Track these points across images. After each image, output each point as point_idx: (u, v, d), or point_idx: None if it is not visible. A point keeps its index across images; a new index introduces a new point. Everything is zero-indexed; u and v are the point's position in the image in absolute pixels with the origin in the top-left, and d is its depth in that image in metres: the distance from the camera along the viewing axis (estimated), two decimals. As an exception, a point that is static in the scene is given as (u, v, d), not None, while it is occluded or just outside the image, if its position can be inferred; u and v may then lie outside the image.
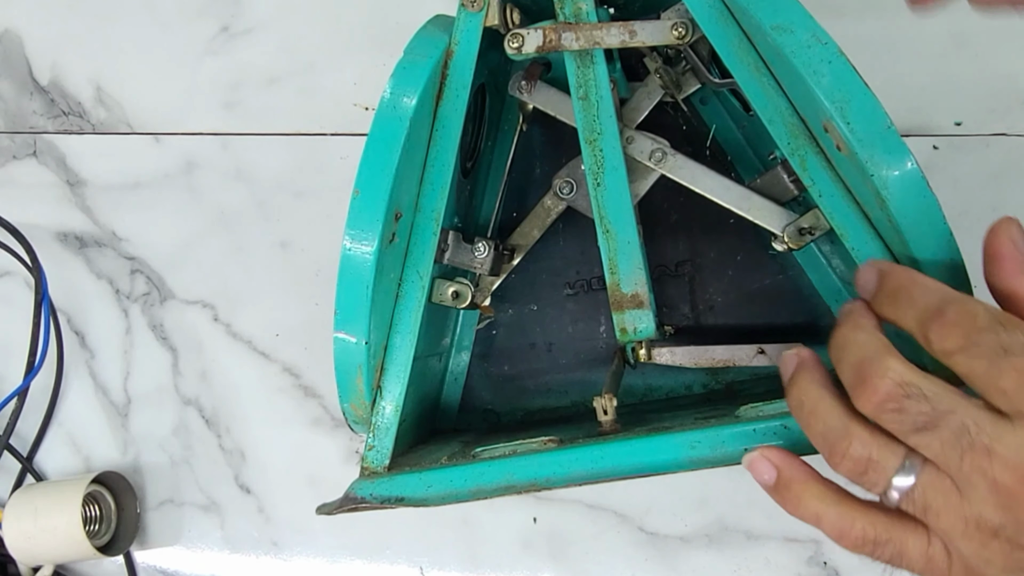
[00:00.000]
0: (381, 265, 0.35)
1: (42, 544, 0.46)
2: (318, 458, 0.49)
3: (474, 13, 0.38)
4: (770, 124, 0.36)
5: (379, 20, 0.53)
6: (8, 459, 0.51)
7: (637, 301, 0.39)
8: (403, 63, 0.37)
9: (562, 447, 0.36)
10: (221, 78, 0.54)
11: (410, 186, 0.38)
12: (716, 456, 0.34)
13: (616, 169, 0.38)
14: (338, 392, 0.37)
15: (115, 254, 0.54)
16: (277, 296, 0.52)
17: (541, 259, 0.47)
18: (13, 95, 0.57)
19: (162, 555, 0.50)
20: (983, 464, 0.26)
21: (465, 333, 0.47)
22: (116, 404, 0.52)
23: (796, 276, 0.45)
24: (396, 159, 0.35)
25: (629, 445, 0.35)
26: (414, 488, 0.37)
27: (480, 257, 0.42)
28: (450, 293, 0.42)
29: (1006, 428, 0.26)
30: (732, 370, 0.45)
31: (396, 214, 0.36)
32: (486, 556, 0.47)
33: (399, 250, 0.38)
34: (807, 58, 0.32)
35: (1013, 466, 0.26)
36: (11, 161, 0.56)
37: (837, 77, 0.31)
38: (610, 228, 0.39)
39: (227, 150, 0.54)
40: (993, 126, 0.47)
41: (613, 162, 0.38)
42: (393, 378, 0.38)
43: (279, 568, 0.49)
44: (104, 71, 0.56)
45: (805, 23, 0.32)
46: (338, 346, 0.36)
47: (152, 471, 0.51)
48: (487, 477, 0.36)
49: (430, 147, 0.38)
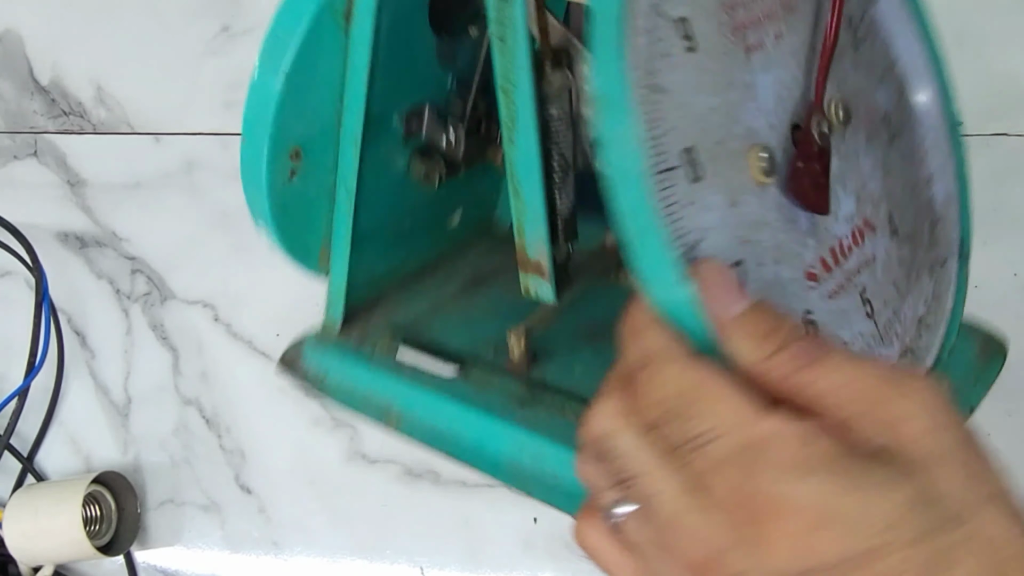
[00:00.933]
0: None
1: (42, 544, 0.46)
2: (319, 458, 0.49)
3: None
4: None
5: (380, 20, 0.53)
6: (8, 459, 0.51)
7: (539, 269, 0.36)
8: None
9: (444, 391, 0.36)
10: (222, 78, 0.54)
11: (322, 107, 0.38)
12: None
13: (527, 129, 0.34)
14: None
15: (115, 254, 0.54)
16: (278, 296, 0.52)
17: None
18: (14, 95, 0.57)
19: (162, 555, 0.50)
20: (666, 539, 0.23)
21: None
22: (116, 404, 0.52)
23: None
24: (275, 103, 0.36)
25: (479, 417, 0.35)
26: (335, 373, 0.38)
27: (450, 138, 0.40)
28: (422, 173, 0.40)
29: (691, 507, 0.22)
30: None
31: (295, 151, 0.36)
32: (486, 556, 0.47)
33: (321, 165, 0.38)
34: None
35: (691, 552, 0.22)
36: (12, 161, 0.56)
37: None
38: (519, 190, 0.35)
39: (228, 150, 0.54)
40: (994, 126, 0.47)
41: (525, 120, 0.33)
42: (338, 243, 0.38)
43: (279, 568, 0.49)
44: (105, 71, 0.56)
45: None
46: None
47: (152, 471, 0.51)
48: (378, 394, 0.37)
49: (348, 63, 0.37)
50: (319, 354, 0.39)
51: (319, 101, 0.37)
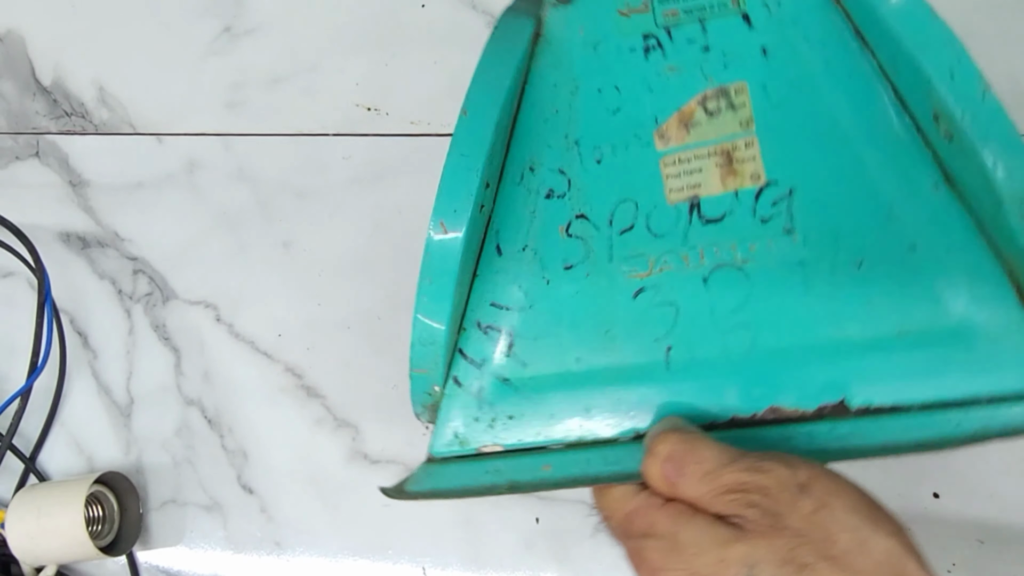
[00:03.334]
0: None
1: (45, 544, 0.46)
2: (320, 458, 0.49)
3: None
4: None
5: (382, 21, 0.53)
6: (11, 459, 0.51)
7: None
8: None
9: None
10: (224, 78, 0.54)
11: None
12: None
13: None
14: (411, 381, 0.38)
15: (117, 254, 0.54)
16: (279, 296, 0.52)
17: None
18: (16, 96, 0.57)
19: (165, 555, 0.50)
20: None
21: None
22: (119, 404, 0.52)
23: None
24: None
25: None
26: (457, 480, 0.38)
27: None
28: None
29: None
30: None
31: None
32: (489, 556, 0.47)
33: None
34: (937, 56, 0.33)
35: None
36: (14, 162, 0.56)
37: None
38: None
39: (230, 150, 0.54)
40: (996, 126, 0.47)
41: None
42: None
43: (281, 568, 0.49)
44: (107, 71, 0.56)
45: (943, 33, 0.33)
46: (418, 329, 0.36)
47: (155, 471, 0.51)
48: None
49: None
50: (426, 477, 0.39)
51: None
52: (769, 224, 0.37)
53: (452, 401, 0.39)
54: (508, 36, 0.38)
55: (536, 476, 0.36)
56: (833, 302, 0.37)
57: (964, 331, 0.36)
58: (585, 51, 0.39)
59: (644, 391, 0.38)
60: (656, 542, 0.30)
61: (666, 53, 0.39)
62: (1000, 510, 0.43)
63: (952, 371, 0.35)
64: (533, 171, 0.39)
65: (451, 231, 0.35)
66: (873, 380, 0.36)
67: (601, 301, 0.39)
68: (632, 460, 0.34)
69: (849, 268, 0.37)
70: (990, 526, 0.43)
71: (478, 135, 0.36)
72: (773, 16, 0.38)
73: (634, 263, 0.39)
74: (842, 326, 0.36)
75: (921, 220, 0.36)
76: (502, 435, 0.38)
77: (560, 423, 0.38)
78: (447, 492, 0.37)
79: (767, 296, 0.37)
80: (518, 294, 0.39)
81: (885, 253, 0.36)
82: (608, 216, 0.39)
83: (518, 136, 0.39)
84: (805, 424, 0.35)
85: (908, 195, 0.36)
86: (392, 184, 0.52)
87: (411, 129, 0.52)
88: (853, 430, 0.35)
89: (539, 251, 0.39)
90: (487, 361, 0.39)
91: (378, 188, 0.52)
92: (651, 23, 0.39)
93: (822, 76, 0.37)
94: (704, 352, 0.37)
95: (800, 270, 0.37)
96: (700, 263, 0.38)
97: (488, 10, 0.52)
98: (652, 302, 0.38)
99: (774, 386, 0.36)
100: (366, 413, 0.49)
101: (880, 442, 0.34)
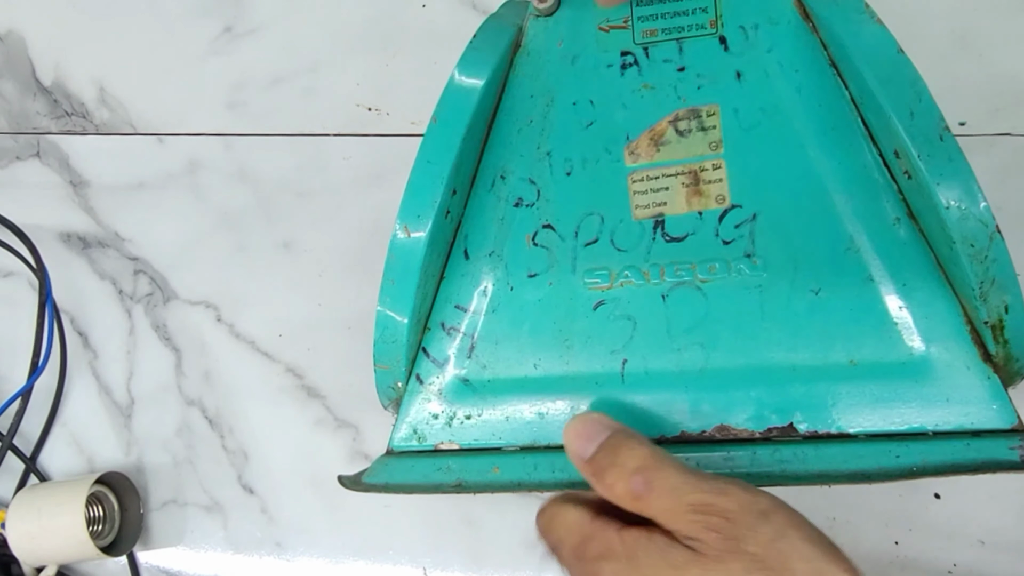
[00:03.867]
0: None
1: (46, 544, 0.46)
2: (321, 459, 0.49)
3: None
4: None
5: (382, 21, 0.53)
6: (12, 459, 0.51)
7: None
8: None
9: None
10: (224, 78, 0.54)
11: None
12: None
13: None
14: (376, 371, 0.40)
15: (118, 255, 0.54)
16: (280, 297, 0.52)
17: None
18: (17, 96, 0.57)
19: (165, 555, 0.50)
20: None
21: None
22: (119, 404, 0.52)
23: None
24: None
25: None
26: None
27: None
28: None
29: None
30: None
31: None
32: (489, 557, 0.47)
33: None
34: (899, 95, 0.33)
35: None
36: (14, 162, 0.56)
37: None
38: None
39: (230, 150, 0.54)
40: (997, 126, 0.46)
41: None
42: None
43: (282, 568, 0.49)
44: (107, 72, 0.56)
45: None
46: (380, 326, 0.38)
47: (155, 471, 0.51)
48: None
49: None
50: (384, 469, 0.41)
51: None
52: (731, 246, 0.38)
53: (413, 397, 0.40)
54: (486, 45, 0.39)
55: (484, 478, 0.37)
56: (788, 327, 0.37)
57: (915, 365, 0.36)
58: (563, 64, 0.40)
59: (598, 401, 0.38)
60: (613, 564, 0.30)
61: (642, 71, 0.39)
62: (1001, 511, 0.43)
63: (900, 403, 0.36)
64: (504, 179, 0.40)
65: (414, 234, 0.37)
66: (822, 407, 0.36)
67: (562, 310, 0.39)
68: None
69: (806, 295, 0.37)
70: (991, 527, 0.43)
71: (446, 143, 0.37)
72: (749, 41, 0.38)
73: (596, 275, 0.39)
74: (795, 351, 0.37)
75: (880, 252, 0.37)
76: (459, 434, 0.39)
77: (515, 426, 0.39)
78: (399, 487, 0.39)
79: (723, 317, 0.38)
80: (482, 298, 0.40)
81: (842, 283, 0.37)
82: (574, 228, 0.39)
83: (492, 143, 0.40)
84: (751, 445, 0.36)
85: (869, 227, 0.37)
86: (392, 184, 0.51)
87: (411, 129, 0.52)
88: (797, 454, 0.35)
89: (505, 258, 0.40)
90: (448, 361, 0.40)
91: (378, 188, 0.52)
92: (629, 40, 0.39)
93: (794, 103, 0.38)
94: (658, 367, 0.38)
95: (758, 293, 0.38)
96: (660, 280, 0.39)
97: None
98: (611, 315, 0.39)
99: (725, 405, 0.37)
100: (366, 413, 0.49)
101: (822, 469, 0.35)
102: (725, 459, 0.36)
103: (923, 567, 0.43)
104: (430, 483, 0.38)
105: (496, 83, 0.39)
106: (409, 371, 0.40)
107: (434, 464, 0.39)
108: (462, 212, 0.40)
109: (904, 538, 0.43)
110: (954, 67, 0.47)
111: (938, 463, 0.34)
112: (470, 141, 0.38)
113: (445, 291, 0.41)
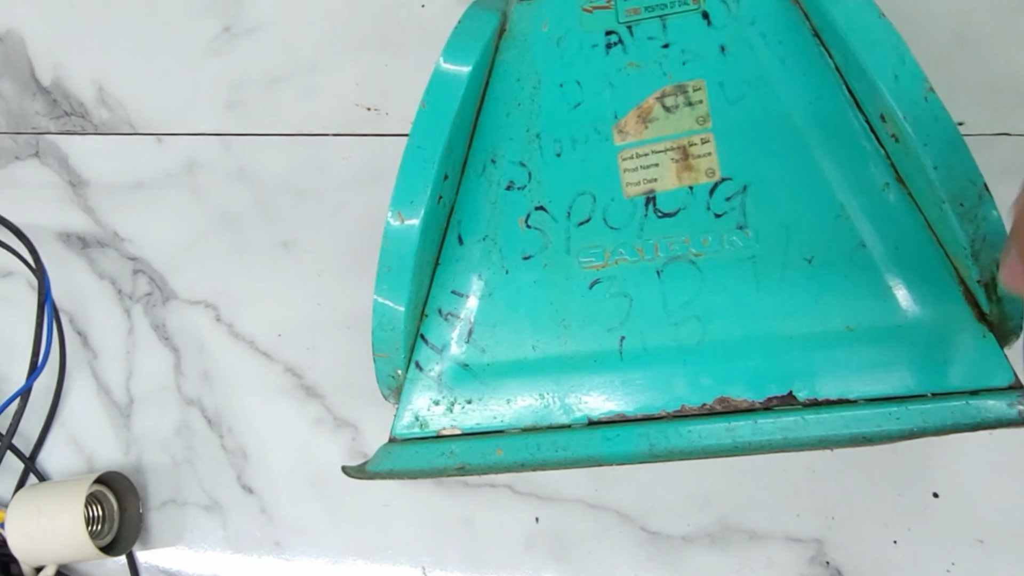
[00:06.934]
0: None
1: (45, 544, 0.46)
2: (320, 458, 0.49)
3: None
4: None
5: (382, 21, 0.53)
6: (11, 459, 0.51)
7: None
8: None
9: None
10: (223, 78, 0.54)
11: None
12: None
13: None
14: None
15: (117, 254, 0.54)
16: (279, 296, 0.52)
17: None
18: (15, 96, 0.57)
19: (165, 555, 0.50)
20: None
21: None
22: (118, 404, 0.52)
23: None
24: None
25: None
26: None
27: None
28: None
29: None
30: None
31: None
32: (488, 556, 0.47)
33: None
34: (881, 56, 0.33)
35: None
36: (13, 162, 0.56)
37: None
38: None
39: (229, 150, 0.54)
40: (997, 125, 0.47)
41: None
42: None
43: (281, 568, 0.49)
44: (106, 71, 0.56)
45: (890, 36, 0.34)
46: (378, 314, 0.38)
47: (154, 471, 0.51)
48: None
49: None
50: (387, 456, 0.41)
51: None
52: (723, 219, 0.38)
53: (413, 385, 0.41)
54: (471, 30, 0.39)
55: (487, 460, 0.38)
56: (783, 296, 0.38)
57: (910, 328, 0.37)
58: (548, 46, 0.40)
59: (597, 379, 0.39)
60: None
61: (627, 49, 0.40)
62: (1000, 510, 0.43)
63: (898, 366, 0.36)
64: (495, 163, 0.40)
65: (408, 220, 0.37)
66: (820, 373, 0.37)
67: (558, 291, 0.40)
68: (582, 447, 0.36)
69: (799, 264, 0.38)
70: (990, 526, 0.43)
71: (435, 128, 0.37)
72: (732, 14, 0.38)
73: (590, 255, 0.40)
74: (791, 320, 0.38)
75: (871, 218, 0.37)
76: (460, 418, 0.40)
77: (516, 408, 0.39)
78: (403, 473, 0.39)
79: (719, 289, 0.38)
80: (478, 283, 0.41)
81: (835, 250, 0.38)
82: (566, 208, 0.40)
83: (481, 128, 0.41)
84: (752, 415, 0.36)
85: (859, 193, 0.38)
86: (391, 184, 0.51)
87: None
88: (798, 422, 0.36)
89: (499, 241, 0.41)
90: (447, 347, 0.41)
91: (378, 188, 0.52)
92: (613, 20, 0.40)
93: (779, 74, 0.38)
94: (656, 342, 0.39)
95: (752, 265, 0.38)
96: (654, 256, 0.39)
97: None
98: (607, 293, 0.39)
99: (724, 377, 0.38)
100: (366, 413, 0.49)
101: (823, 434, 0.35)
102: (727, 430, 0.36)
103: (922, 566, 0.43)
104: (434, 468, 0.38)
105: (483, 67, 0.39)
106: (408, 359, 0.40)
107: (437, 449, 0.39)
108: (454, 198, 0.41)
109: (903, 537, 0.43)
110: (953, 66, 0.47)
111: (938, 423, 0.34)
112: (459, 126, 0.38)
113: (441, 277, 0.41)
